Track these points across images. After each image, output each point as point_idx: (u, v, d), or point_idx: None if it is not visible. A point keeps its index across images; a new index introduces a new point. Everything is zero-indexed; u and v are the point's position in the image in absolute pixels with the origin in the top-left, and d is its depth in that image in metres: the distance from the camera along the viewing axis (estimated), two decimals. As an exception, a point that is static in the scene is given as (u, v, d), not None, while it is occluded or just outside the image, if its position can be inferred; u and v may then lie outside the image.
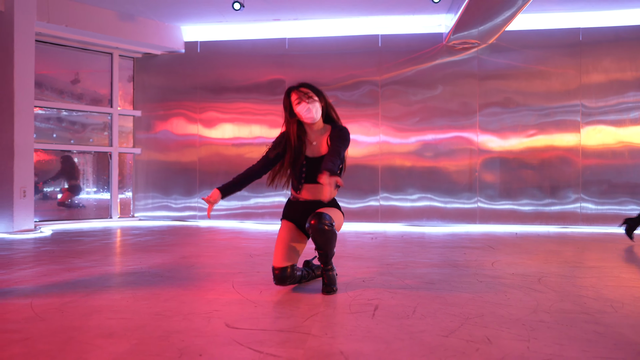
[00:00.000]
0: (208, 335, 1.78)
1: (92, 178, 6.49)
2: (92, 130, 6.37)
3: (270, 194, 6.36)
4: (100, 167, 6.49)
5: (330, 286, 2.46)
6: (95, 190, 6.46)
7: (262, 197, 6.42)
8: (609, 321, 2.00)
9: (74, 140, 6.21)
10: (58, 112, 6.11)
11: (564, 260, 3.60)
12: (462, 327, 1.90)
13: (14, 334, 1.78)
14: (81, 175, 6.38)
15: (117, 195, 6.48)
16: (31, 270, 3.08)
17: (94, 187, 6.47)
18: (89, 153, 6.37)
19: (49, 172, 6.12)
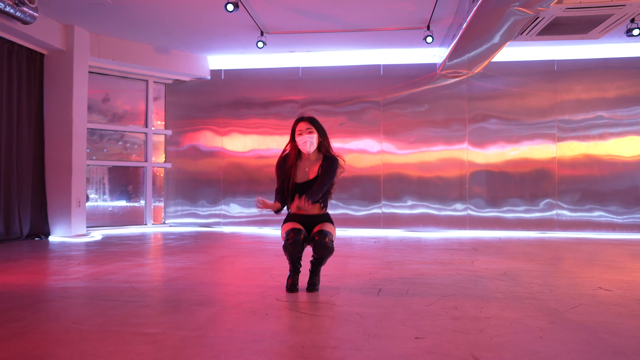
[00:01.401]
0: (267, 305, 2.65)
1: (127, 188, 7.38)
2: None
3: (285, 203, 7.24)
4: (131, 178, 7.38)
5: (314, 285, 3.00)
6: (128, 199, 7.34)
7: (278, 206, 7.29)
8: (543, 297, 2.87)
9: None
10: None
11: (531, 259, 4.46)
12: (439, 301, 2.77)
13: (138, 302, 2.66)
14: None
15: (151, 204, 7.37)
16: (110, 265, 3.95)
17: (128, 196, 7.36)
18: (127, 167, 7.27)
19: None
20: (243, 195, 7.40)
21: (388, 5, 5.27)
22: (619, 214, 6.60)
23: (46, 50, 5.90)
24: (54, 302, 2.68)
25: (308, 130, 2.98)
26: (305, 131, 2.98)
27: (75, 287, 3.07)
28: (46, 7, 5.29)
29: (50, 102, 5.94)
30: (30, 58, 5.73)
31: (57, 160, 5.90)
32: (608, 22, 4.66)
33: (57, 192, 5.89)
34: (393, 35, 6.26)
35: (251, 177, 7.37)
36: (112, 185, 7.31)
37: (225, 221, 7.42)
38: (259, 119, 7.35)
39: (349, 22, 5.77)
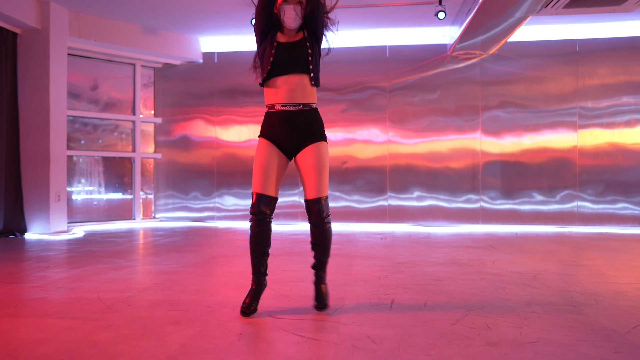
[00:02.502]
0: (258, 324, 2.17)
1: (115, 180, 6.89)
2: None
3: (283, 194, 6.75)
4: (121, 169, 6.89)
5: (323, 301, 2.34)
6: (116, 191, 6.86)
7: (276, 199, 6.79)
8: (591, 312, 2.38)
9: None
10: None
11: (559, 259, 3.97)
12: (466, 317, 2.28)
13: (99, 322, 2.17)
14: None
15: (140, 197, 6.88)
16: (84, 269, 3.47)
17: (116, 188, 6.87)
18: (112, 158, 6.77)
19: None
20: (238, 187, 6.90)
21: (396, -25, 4.73)
22: (645, 206, 6.10)
23: (19, 29, 5.37)
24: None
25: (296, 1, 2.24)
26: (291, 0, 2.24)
27: (32, 300, 2.58)
28: (16, -21, 4.76)
29: (25, 86, 5.42)
30: (1, 37, 5.20)
31: (34, 150, 5.40)
32: (646, -8, 4.12)
33: (34, 185, 5.40)
34: (400, 12, 5.71)
35: (247, 169, 6.86)
36: (100, 176, 6.81)
37: (220, 215, 6.93)
38: (255, 107, 6.82)
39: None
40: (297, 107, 2.27)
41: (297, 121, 2.27)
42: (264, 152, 2.28)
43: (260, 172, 2.27)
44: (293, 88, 2.25)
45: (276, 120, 2.28)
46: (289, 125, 2.27)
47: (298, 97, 2.26)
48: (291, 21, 2.26)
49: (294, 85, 2.25)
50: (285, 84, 2.25)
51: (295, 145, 2.31)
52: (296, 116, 2.27)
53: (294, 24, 2.27)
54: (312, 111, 2.31)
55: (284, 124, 2.27)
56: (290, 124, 2.27)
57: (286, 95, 2.26)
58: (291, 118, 2.27)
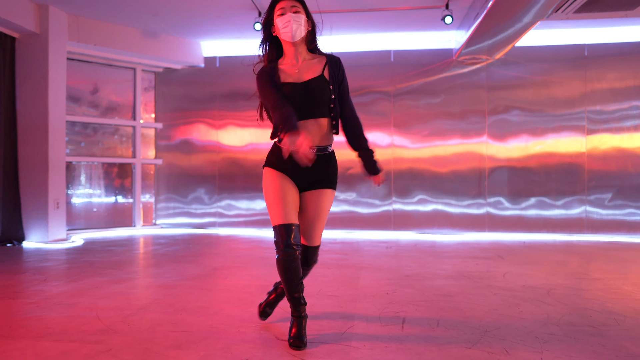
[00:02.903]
0: (264, 347, 2.06)
1: (116, 184, 6.78)
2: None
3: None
4: (122, 174, 6.78)
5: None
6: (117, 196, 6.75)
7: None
8: (613, 334, 2.27)
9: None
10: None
11: (571, 271, 3.86)
12: (482, 339, 2.17)
13: (97, 345, 2.06)
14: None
15: (140, 204, 6.77)
16: (82, 282, 3.36)
17: (117, 193, 6.76)
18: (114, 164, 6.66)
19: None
20: (240, 193, 6.79)
21: (403, -21, 4.63)
22: (655, 214, 5.98)
23: (18, 34, 5.27)
24: (-12, 344, 2.09)
25: (294, 9, 2.07)
26: (290, 9, 2.06)
27: (28, 319, 2.47)
28: (14, -17, 4.67)
29: (24, 91, 5.32)
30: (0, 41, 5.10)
31: (32, 156, 5.30)
32: (660, -3, 4.02)
33: (33, 192, 5.29)
34: (406, 16, 5.61)
35: (249, 174, 6.76)
36: (99, 180, 6.70)
37: (221, 221, 6.82)
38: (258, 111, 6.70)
39: (359, 1, 5.12)
40: (312, 150, 2.00)
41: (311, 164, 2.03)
42: (278, 181, 2.09)
43: (280, 202, 2.05)
44: (309, 131, 2.05)
45: (288, 160, 2.08)
46: (300, 167, 2.07)
47: (314, 140, 2.08)
48: (289, 31, 2.06)
49: (309, 128, 2.06)
50: (303, 127, 2.02)
51: (305, 183, 2.14)
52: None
53: (294, 34, 2.06)
54: (327, 155, 2.15)
55: (295, 166, 2.08)
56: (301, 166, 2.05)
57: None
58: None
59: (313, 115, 2.08)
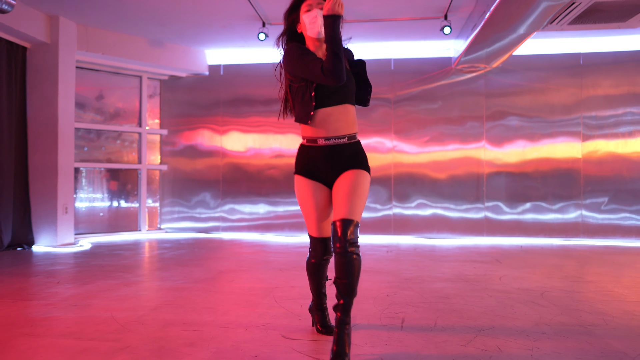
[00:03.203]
0: (271, 345, 2.19)
1: (122, 188, 6.92)
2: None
3: (287, 205, 6.78)
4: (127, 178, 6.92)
5: (343, 356, 1.89)
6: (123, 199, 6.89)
7: (280, 208, 6.83)
8: (600, 333, 2.40)
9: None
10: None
11: (565, 275, 3.98)
12: (477, 338, 2.30)
13: (115, 342, 2.20)
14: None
15: (146, 209, 6.91)
16: (94, 284, 3.50)
17: (123, 197, 6.90)
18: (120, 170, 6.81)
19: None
20: (244, 198, 6.93)
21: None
22: (649, 219, 6.11)
23: (29, 43, 5.43)
24: (13, 342, 2.22)
25: (320, 5, 2.07)
26: (317, 5, 2.07)
27: (47, 319, 2.61)
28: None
29: (34, 99, 5.47)
30: (11, 51, 5.26)
31: (42, 163, 5.45)
32: (651, 9, 4.17)
33: (42, 197, 5.44)
34: (406, 26, 5.77)
35: (252, 179, 6.90)
36: (105, 183, 6.84)
37: (225, 225, 6.96)
38: (260, 117, 6.88)
39: (359, 10, 5.28)
40: (342, 139, 2.07)
41: (342, 155, 2.07)
42: (311, 192, 2.11)
43: (314, 215, 2.12)
44: (337, 118, 2.06)
45: (319, 156, 2.09)
46: (333, 159, 2.08)
47: (342, 128, 2.07)
48: (316, 27, 2.06)
49: (338, 116, 2.06)
50: (330, 116, 2.05)
51: (337, 173, 2.11)
52: (341, 150, 2.07)
53: (322, 30, 2.05)
54: (356, 143, 2.13)
55: (328, 160, 2.08)
56: (335, 158, 2.08)
57: (330, 128, 2.06)
58: (336, 152, 2.07)
59: (343, 102, 2.08)
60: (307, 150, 2.13)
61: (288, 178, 6.83)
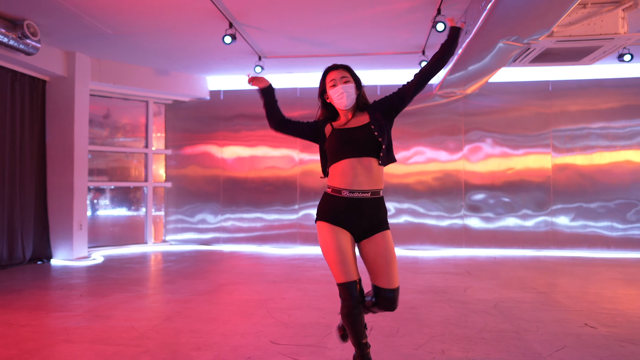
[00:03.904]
0: (262, 349, 2.75)
1: (129, 199, 7.50)
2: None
3: (282, 218, 7.35)
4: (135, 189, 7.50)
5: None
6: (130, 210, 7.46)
7: (276, 221, 7.40)
8: (529, 338, 2.96)
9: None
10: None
11: (524, 286, 4.54)
12: (427, 343, 2.86)
13: (138, 347, 2.76)
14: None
15: (152, 223, 7.47)
16: (113, 297, 4.06)
17: (130, 208, 7.47)
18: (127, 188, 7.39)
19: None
20: (242, 212, 7.50)
21: (385, 33, 5.37)
22: (614, 230, 6.68)
23: (48, 77, 6.02)
24: (57, 347, 2.79)
25: (344, 80, 2.26)
26: (340, 80, 2.26)
27: (77, 327, 3.17)
28: (48, 37, 5.40)
29: (52, 127, 6.06)
30: (33, 85, 5.85)
31: (59, 184, 6.02)
32: (598, 52, 4.75)
33: (59, 215, 6.01)
34: (390, 59, 6.36)
35: (250, 194, 7.48)
36: (115, 195, 7.41)
37: (225, 237, 7.53)
38: (257, 138, 7.46)
39: (346, 47, 5.87)
40: (366, 194, 2.17)
41: (364, 209, 2.17)
42: (334, 237, 2.16)
43: (339, 260, 2.13)
44: (360, 172, 2.16)
45: (342, 206, 2.18)
46: (356, 213, 2.17)
47: (365, 183, 2.17)
48: (343, 100, 2.25)
49: (361, 170, 2.16)
50: (353, 169, 2.16)
51: (360, 231, 2.20)
52: (363, 204, 2.17)
53: (347, 102, 2.25)
54: (379, 199, 2.22)
55: (351, 212, 2.17)
56: (358, 211, 2.17)
57: (355, 182, 2.16)
58: (359, 206, 2.16)
59: (359, 155, 2.17)
60: (332, 200, 2.22)
61: (282, 193, 7.40)
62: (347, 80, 2.26)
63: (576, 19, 4.41)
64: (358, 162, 2.17)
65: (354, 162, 2.17)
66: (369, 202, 2.17)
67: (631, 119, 6.73)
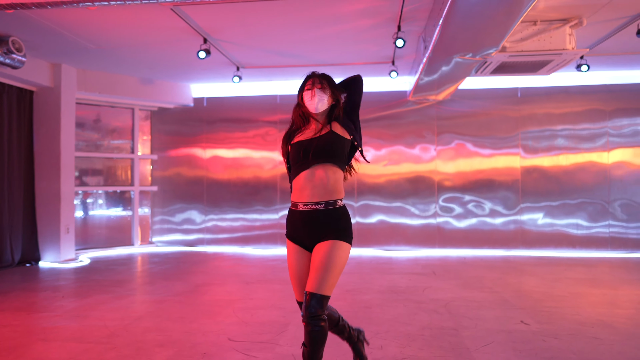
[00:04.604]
0: (218, 346, 3.05)
1: (115, 199, 7.79)
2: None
3: (263, 220, 7.65)
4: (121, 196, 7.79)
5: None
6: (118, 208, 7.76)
7: (257, 223, 7.70)
8: (464, 334, 3.26)
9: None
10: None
11: (482, 286, 4.84)
12: (371, 339, 3.15)
13: (106, 345, 3.06)
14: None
15: (138, 226, 7.77)
16: (92, 298, 4.35)
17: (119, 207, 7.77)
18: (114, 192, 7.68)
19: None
20: (225, 215, 7.79)
21: (352, 46, 5.65)
22: (579, 228, 6.99)
23: (35, 88, 6.29)
24: (32, 346, 3.08)
25: (318, 86, 2.31)
26: (315, 86, 2.32)
27: (54, 327, 3.47)
28: (34, 50, 5.68)
29: (40, 135, 6.34)
30: (20, 96, 6.13)
31: (47, 190, 6.30)
32: (552, 65, 5.04)
33: (47, 220, 6.30)
34: (362, 69, 6.64)
35: (232, 196, 7.77)
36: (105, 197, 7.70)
37: (209, 238, 7.83)
38: (240, 141, 7.76)
39: (318, 59, 6.15)
40: (319, 206, 2.20)
41: (319, 220, 2.19)
42: (295, 258, 2.27)
43: (297, 281, 2.26)
44: (315, 184, 2.20)
45: (299, 220, 2.23)
46: (312, 225, 2.21)
47: (319, 195, 2.20)
48: (313, 103, 2.28)
49: (316, 182, 2.20)
50: (308, 181, 2.21)
51: (316, 239, 2.22)
52: (318, 216, 2.19)
53: (317, 106, 2.29)
54: (336, 210, 2.22)
55: (306, 225, 2.21)
56: (312, 223, 2.20)
57: (308, 194, 2.20)
58: (313, 218, 2.20)
59: (319, 162, 2.20)
60: (292, 215, 2.28)
61: (263, 195, 7.70)
62: (322, 87, 2.31)
63: (527, 35, 4.70)
64: (310, 173, 2.20)
65: (307, 173, 2.20)
66: (324, 213, 2.18)
67: (594, 122, 7.03)
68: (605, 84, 7.03)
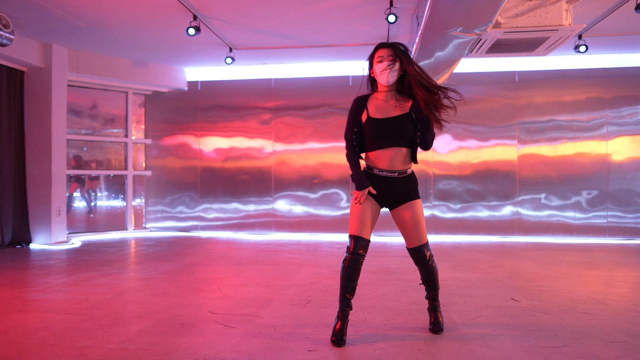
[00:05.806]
0: (198, 317, 2.98)
1: (109, 192, 7.73)
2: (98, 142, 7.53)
3: (257, 205, 7.58)
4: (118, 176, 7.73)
5: (439, 325, 2.68)
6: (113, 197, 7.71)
7: (252, 208, 7.63)
8: (453, 309, 3.17)
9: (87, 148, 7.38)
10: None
11: (471, 267, 4.76)
12: (356, 314, 3.08)
13: (84, 315, 3.00)
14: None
15: (132, 210, 7.71)
16: (77, 276, 4.30)
17: (113, 195, 7.72)
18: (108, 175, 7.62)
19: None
20: (219, 200, 7.73)
21: (344, 25, 5.55)
22: (576, 217, 6.89)
23: (26, 68, 6.23)
24: (8, 316, 3.02)
25: (390, 58, 2.47)
26: (387, 58, 2.48)
27: (35, 300, 3.41)
28: (23, 28, 5.61)
29: (30, 116, 6.27)
30: (10, 76, 6.06)
31: (38, 171, 6.25)
32: (548, 43, 4.92)
33: (38, 201, 6.24)
34: (356, 50, 6.53)
35: (227, 183, 7.70)
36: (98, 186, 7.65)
37: (203, 225, 7.76)
38: (234, 127, 7.67)
39: (312, 39, 6.05)
40: (394, 174, 2.52)
41: (392, 186, 2.53)
42: (366, 202, 2.54)
43: (357, 217, 2.51)
44: (392, 158, 2.50)
45: (373, 182, 2.54)
46: (385, 188, 2.54)
47: (396, 166, 2.51)
48: (385, 77, 2.47)
49: (392, 156, 2.49)
50: (385, 155, 2.49)
51: (390, 202, 2.59)
52: (392, 182, 2.52)
53: (388, 79, 2.47)
54: (408, 176, 2.57)
55: (381, 187, 2.54)
56: (387, 187, 2.53)
57: (385, 164, 2.51)
58: (387, 182, 2.53)
59: (396, 145, 2.48)
60: (365, 175, 2.57)
61: (258, 181, 7.62)
62: (393, 59, 2.47)
63: (523, 11, 4.59)
64: (391, 150, 2.48)
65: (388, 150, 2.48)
66: (397, 180, 2.52)
67: (593, 111, 6.90)
68: (604, 68, 6.90)
